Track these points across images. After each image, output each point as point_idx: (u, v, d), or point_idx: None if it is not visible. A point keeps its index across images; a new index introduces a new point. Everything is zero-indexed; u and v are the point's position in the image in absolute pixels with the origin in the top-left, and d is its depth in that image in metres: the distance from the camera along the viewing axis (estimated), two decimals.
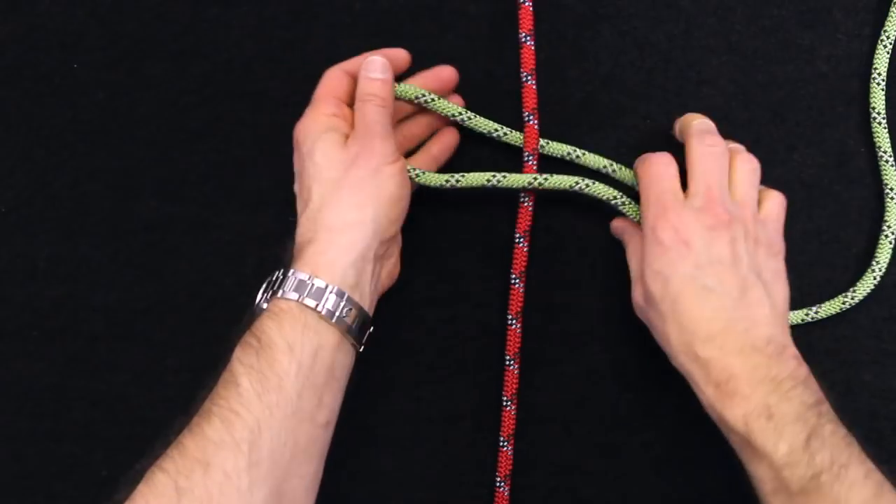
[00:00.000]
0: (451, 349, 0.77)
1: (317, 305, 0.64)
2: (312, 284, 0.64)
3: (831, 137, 0.77)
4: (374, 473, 0.77)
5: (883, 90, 0.76)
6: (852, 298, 0.75)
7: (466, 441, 0.77)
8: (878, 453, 0.63)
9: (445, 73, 0.74)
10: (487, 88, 0.76)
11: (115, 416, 0.77)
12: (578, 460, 0.77)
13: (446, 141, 0.76)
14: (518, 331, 0.75)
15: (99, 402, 0.77)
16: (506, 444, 0.75)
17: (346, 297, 0.65)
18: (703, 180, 0.68)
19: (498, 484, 0.75)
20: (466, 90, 0.77)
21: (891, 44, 0.76)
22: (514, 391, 0.75)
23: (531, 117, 0.74)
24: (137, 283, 0.78)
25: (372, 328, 0.68)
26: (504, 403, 0.75)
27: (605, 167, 0.74)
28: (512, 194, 0.75)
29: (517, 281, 0.75)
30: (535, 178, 0.72)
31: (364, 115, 0.69)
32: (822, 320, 0.76)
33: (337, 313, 0.64)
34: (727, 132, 0.77)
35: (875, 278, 0.75)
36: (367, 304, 0.67)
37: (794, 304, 0.75)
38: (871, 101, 0.76)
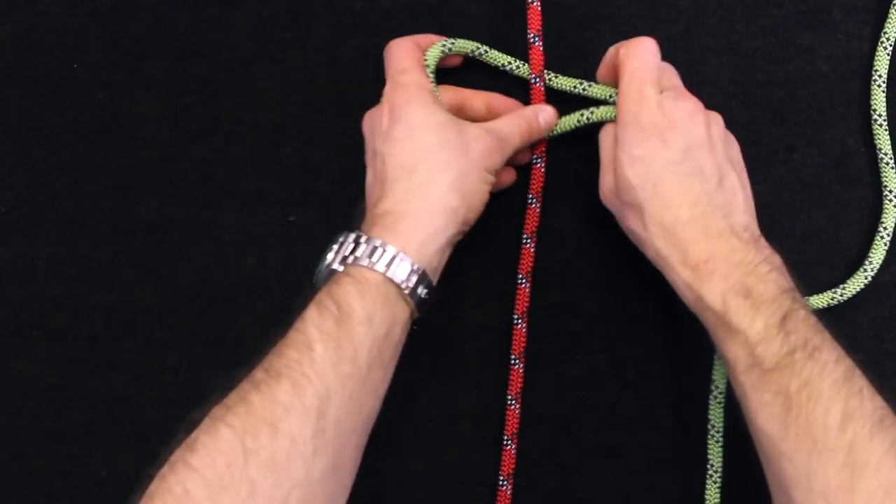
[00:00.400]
0: (454, 348, 0.77)
1: (402, 283, 0.64)
2: (401, 260, 0.64)
3: (831, 137, 0.77)
4: (374, 473, 0.77)
5: (884, 92, 0.76)
6: (841, 295, 0.75)
7: (468, 440, 0.77)
8: None
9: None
10: (487, 88, 0.76)
11: (115, 416, 0.77)
12: (579, 460, 0.77)
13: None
14: (524, 331, 0.75)
15: (99, 402, 0.77)
16: (509, 442, 0.75)
17: (427, 280, 0.65)
18: (669, 79, 0.70)
19: (501, 483, 0.75)
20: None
21: (891, 45, 0.76)
22: (518, 390, 0.75)
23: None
24: (137, 283, 0.78)
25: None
26: (509, 402, 0.75)
27: (611, 96, 0.73)
28: (520, 196, 0.75)
29: (524, 281, 0.75)
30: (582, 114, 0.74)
31: (507, 130, 0.71)
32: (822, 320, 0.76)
33: (418, 293, 0.64)
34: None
35: (867, 277, 0.75)
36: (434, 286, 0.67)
37: None
38: (872, 103, 0.76)
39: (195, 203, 0.78)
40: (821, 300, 0.75)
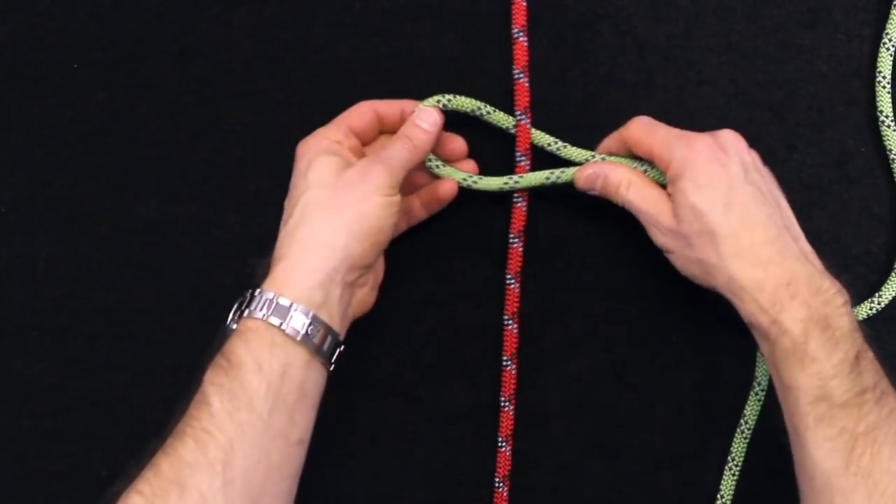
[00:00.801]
0: (449, 350, 0.77)
1: (282, 324, 0.64)
2: (277, 303, 0.64)
3: (831, 137, 0.77)
4: (374, 473, 0.77)
5: (888, 93, 0.76)
6: (878, 304, 0.75)
7: (465, 441, 0.77)
8: None
9: (457, 144, 0.75)
10: (487, 88, 0.76)
11: (115, 416, 0.77)
12: (578, 460, 0.77)
13: (444, 192, 0.75)
14: (515, 331, 0.75)
15: (99, 402, 0.77)
16: (504, 444, 0.75)
17: (311, 316, 0.64)
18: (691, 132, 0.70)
19: (497, 484, 0.75)
20: (466, 90, 0.77)
21: (893, 46, 0.76)
22: (511, 392, 0.75)
23: (523, 116, 0.74)
24: (137, 283, 0.78)
25: (342, 347, 0.68)
26: (502, 404, 0.75)
27: (587, 159, 0.74)
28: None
29: (513, 281, 0.75)
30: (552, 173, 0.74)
31: (387, 147, 0.70)
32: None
33: (302, 332, 0.64)
34: None
35: None
36: (337, 325, 0.67)
37: None
38: (878, 104, 0.76)
39: (195, 203, 0.78)
40: (860, 312, 0.75)
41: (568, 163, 0.74)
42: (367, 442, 0.77)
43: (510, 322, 0.75)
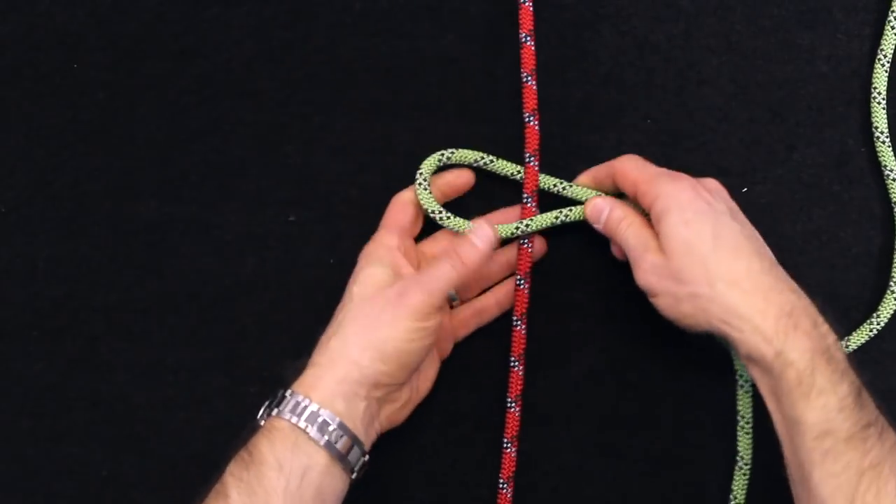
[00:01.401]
0: (454, 350, 0.77)
1: (307, 427, 0.65)
2: (305, 406, 0.65)
3: (831, 137, 0.77)
4: (374, 474, 0.77)
5: (884, 109, 0.75)
6: (878, 323, 0.75)
7: (469, 442, 0.77)
8: None
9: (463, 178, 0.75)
10: (487, 88, 0.76)
11: (115, 416, 0.77)
12: (579, 460, 0.77)
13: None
14: (523, 332, 0.75)
15: (99, 402, 0.77)
16: (509, 445, 0.75)
17: (337, 423, 0.65)
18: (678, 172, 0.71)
19: (501, 485, 0.75)
20: (466, 90, 0.77)
21: (888, 61, 0.76)
22: (518, 392, 0.75)
23: (532, 118, 0.74)
24: (137, 283, 0.78)
25: (367, 457, 0.68)
26: (508, 405, 0.75)
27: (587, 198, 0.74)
28: (516, 199, 0.75)
29: (522, 282, 0.75)
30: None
31: (434, 266, 0.69)
32: None
33: (326, 437, 0.65)
34: (727, 132, 0.77)
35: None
36: (362, 435, 0.67)
37: None
38: (873, 120, 0.75)
39: (195, 203, 0.78)
40: (860, 336, 0.75)
41: (571, 201, 0.75)
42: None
43: (519, 323, 0.75)
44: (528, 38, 0.75)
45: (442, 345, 0.74)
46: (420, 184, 0.73)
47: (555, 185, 0.75)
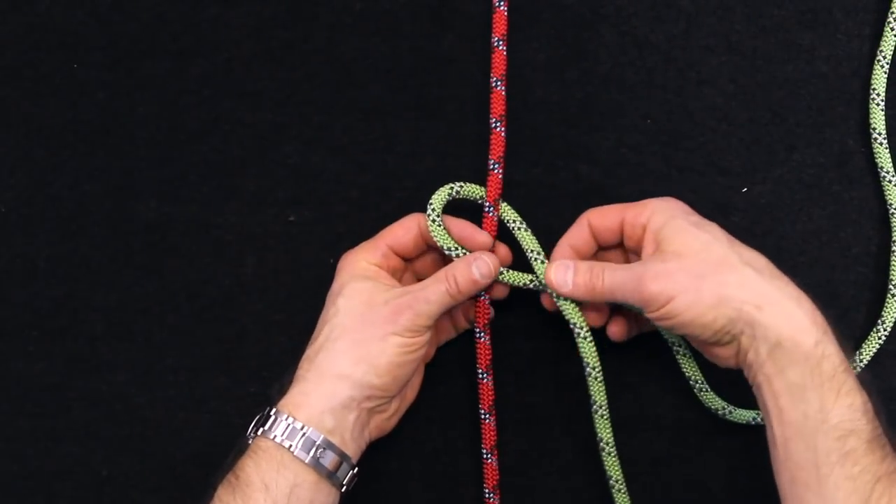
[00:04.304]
0: (448, 357, 0.76)
1: (291, 446, 0.64)
2: (290, 424, 0.65)
3: (831, 137, 0.77)
4: (374, 473, 0.77)
5: (883, 111, 0.75)
6: (884, 330, 0.75)
7: (459, 449, 0.76)
8: None
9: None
10: (487, 88, 0.76)
11: (115, 416, 0.77)
12: (578, 460, 0.77)
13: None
14: (487, 343, 0.73)
15: (99, 402, 0.77)
16: (489, 456, 0.74)
17: (322, 440, 0.65)
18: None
19: (487, 495, 0.74)
20: (466, 90, 0.77)
21: (888, 63, 0.76)
22: (490, 404, 0.73)
23: (499, 124, 0.73)
24: (137, 283, 0.78)
25: (356, 470, 0.68)
26: (483, 416, 0.74)
27: None
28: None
29: (482, 335, 0.73)
30: None
31: (429, 286, 0.68)
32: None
33: (311, 454, 0.64)
34: (727, 132, 0.77)
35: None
36: (351, 449, 0.67)
37: None
38: (871, 121, 0.75)
39: (195, 203, 0.78)
40: (871, 345, 0.75)
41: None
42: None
43: (482, 335, 0.73)
44: (501, 43, 0.74)
45: (427, 350, 0.73)
46: (433, 220, 0.71)
47: (531, 282, 0.72)
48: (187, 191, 0.78)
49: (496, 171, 0.73)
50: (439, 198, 0.71)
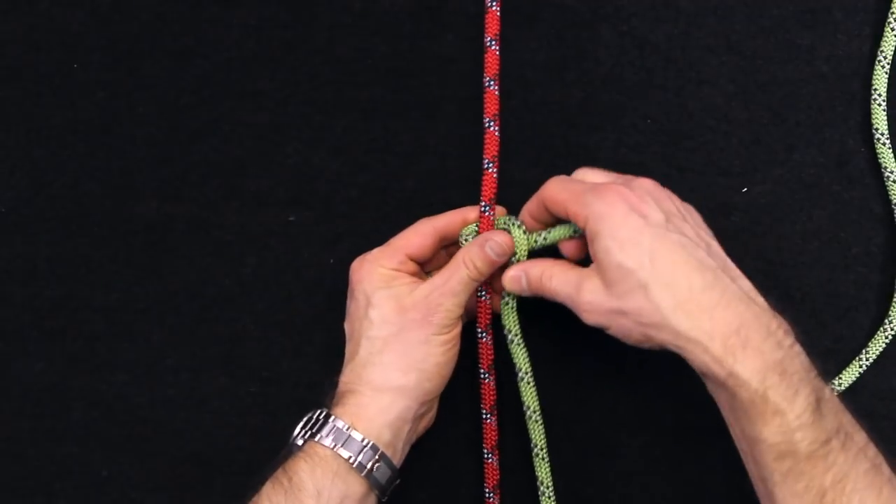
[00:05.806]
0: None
1: (350, 458, 0.65)
2: (349, 435, 0.65)
3: (831, 137, 0.77)
4: None
5: (884, 110, 0.75)
6: (866, 357, 0.75)
7: (460, 449, 0.76)
8: None
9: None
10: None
11: (115, 416, 0.77)
12: (578, 461, 0.77)
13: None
14: (490, 343, 0.73)
15: (99, 402, 0.77)
16: (490, 455, 0.74)
17: (379, 453, 0.66)
18: (607, 183, 0.67)
19: (487, 495, 0.74)
20: (466, 90, 0.77)
21: (888, 63, 0.76)
22: (492, 403, 0.74)
23: (492, 123, 0.73)
24: (137, 283, 0.78)
25: (399, 481, 0.68)
26: (484, 416, 0.74)
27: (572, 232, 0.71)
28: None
29: (482, 293, 0.73)
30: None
31: (452, 279, 0.68)
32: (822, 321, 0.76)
33: (368, 467, 0.65)
34: (727, 132, 0.77)
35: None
36: (399, 459, 0.68)
37: (796, 305, 0.75)
38: (873, 121, 0.75)
39: (195, 203, 0.78)
40: (851, 373, 0.75)
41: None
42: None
43: (484, 335, 0.73)
44: (494, 43, 0.74)
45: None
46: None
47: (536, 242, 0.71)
48: (187, 191, 0.78)
49: (490, 170, 0.73)
50: (469, 228, 0.72)
